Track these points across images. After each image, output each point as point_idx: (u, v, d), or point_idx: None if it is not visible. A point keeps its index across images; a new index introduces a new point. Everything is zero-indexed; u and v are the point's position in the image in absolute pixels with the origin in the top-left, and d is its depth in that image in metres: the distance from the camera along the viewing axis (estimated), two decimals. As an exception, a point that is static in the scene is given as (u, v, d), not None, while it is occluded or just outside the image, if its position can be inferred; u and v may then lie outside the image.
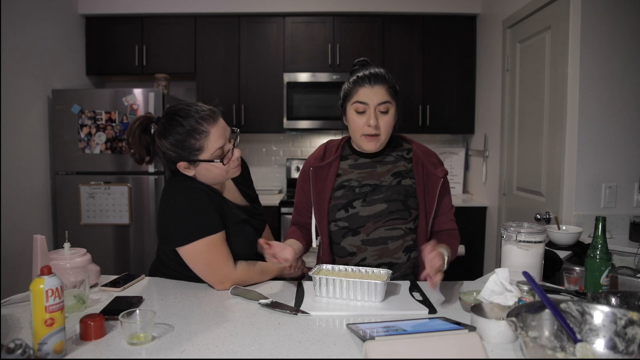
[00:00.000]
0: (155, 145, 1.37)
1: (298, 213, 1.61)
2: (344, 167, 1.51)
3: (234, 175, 1.43)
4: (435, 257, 1.20)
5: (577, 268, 1.44)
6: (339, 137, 1.59)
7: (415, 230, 1.49)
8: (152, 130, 1.38)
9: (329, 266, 1.38)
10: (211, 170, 1.36)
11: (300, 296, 1.29)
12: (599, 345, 0.94)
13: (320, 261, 1.54)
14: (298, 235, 1.54)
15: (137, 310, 1.04)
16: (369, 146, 1.43)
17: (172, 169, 1.39)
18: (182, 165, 1.35)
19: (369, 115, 1.39)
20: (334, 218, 1.48)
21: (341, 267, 1.38)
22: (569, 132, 2.32)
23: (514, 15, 2.90)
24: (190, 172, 1.37)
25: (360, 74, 1.42)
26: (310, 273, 1.31)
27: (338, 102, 1.50)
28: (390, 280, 1.34)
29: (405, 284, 1.39)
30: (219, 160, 1.34)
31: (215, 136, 1.32)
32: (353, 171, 1.50)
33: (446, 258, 1.29)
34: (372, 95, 1.38)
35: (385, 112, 1.40)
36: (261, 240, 1.29)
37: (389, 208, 1.45)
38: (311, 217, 1.54)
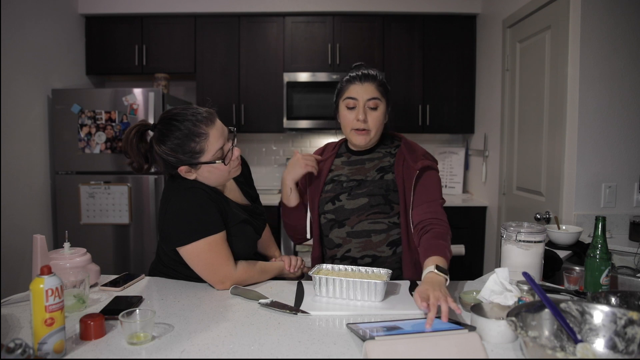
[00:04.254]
0: (153, 152, 1.35)
1: None
2: (337, 163, 1.60)
3: (236, 174, 1.44)
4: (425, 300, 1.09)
5: (577, 268, 1.44)
6: (341, 137, 1.65)
7: (400, 225, 1.50)
8: (149, 138, 1.37)
9: (329, 266, 1.39)
10: (213, 172, 1.36)
11: (300, 296, 1.29)
12: (599, 344, 0.94)
13: (312, 253, 1.61)
14: None
15: (137, 310, 1.04)
16: (359, 140, 1.50)
17: (171, 174, 1.38)
18: (183, 170, 1.34)
19: (358, 111, 1.47)
20: (323, 210, 1.55)
21: (341, 266, 1.38)
22: (569, 132, 2.32)
23: (513, 15, 2.90)
24: (191, 176, 1.36)
25: (352, 74, 1.51)
26: (310, 273, 1.32)
27: (333, 102, 1.59)
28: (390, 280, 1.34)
29: (405, 284, 1.39)
30: (220, 161, 1.34)
31: (215, 137, 1.32)
32: (344, 167, 1.58)
33: (442, 274, 1.20)
34: (361, 92, 1.47)
35: (375, 109, 1.47)
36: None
37: (370, 202, 1.49)
38: (303, 203, 1.62)
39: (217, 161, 1.33)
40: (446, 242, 1.36)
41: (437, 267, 1.22)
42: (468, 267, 3.39)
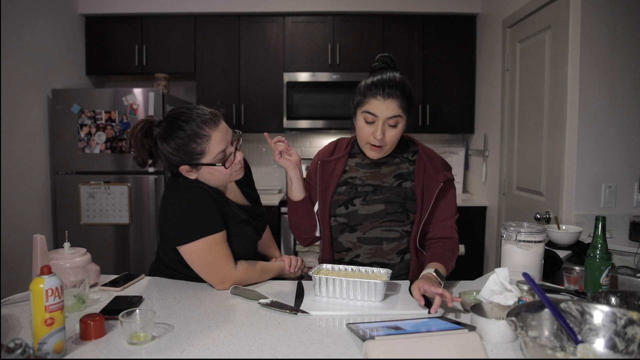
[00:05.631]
0: (157, 149, 1.37)
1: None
2: (351, 164, 1.53)
3: (237, 178, 1.43)
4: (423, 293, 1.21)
5: (577, 268, 1.44)
6: (341, 136, 1.61)
7: (411, 233, 1.49)
8: (155, 134, 1.37)
9: (329, 266, 1.39)
10: (213, 174, 1.36)
11: (300, 296, 1.29)
12: (599, 344, 0.94)
13: (321, 254, 1.57)
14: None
15: (137, 310, 1.04)
16: (372, 155, 1.44)
17: (174, 172, 1.39)
18: (184, 169, 1.35)
19: (377, 127, 1.36)
20: (334, 213, 1.50)
21: (341, 266, 1.38)
22: (569, 132, 2.32)
23: (513, 15, 2.90)
24: (192, 176, 1.37)
25: (375, 80, 1.36)
26: (310, 273, 1.32)
27: (351, 101, 1.47)
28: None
29: (405, 284, 1.39)
30: (220, 164, 1.34)
31: (217, 140, 1.32)
32: (359, 169, 1.52)
33: (438, 278, 1.29)
34: (382, 109, 1.34)
35: (394, 126, 1.37)
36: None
37: (387, 209, 1.45)
38: (313, 202, 1.55)
39: (217, 164, 1.33)
40: (453, 256, 1.45)
41: (436, 271, 1.31)
42: (468, 267, 3.39)
